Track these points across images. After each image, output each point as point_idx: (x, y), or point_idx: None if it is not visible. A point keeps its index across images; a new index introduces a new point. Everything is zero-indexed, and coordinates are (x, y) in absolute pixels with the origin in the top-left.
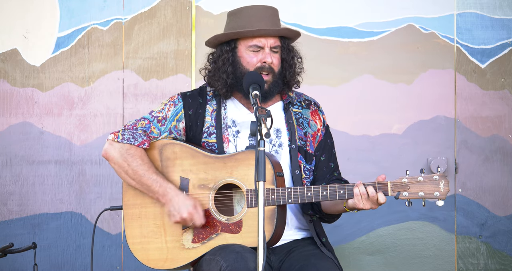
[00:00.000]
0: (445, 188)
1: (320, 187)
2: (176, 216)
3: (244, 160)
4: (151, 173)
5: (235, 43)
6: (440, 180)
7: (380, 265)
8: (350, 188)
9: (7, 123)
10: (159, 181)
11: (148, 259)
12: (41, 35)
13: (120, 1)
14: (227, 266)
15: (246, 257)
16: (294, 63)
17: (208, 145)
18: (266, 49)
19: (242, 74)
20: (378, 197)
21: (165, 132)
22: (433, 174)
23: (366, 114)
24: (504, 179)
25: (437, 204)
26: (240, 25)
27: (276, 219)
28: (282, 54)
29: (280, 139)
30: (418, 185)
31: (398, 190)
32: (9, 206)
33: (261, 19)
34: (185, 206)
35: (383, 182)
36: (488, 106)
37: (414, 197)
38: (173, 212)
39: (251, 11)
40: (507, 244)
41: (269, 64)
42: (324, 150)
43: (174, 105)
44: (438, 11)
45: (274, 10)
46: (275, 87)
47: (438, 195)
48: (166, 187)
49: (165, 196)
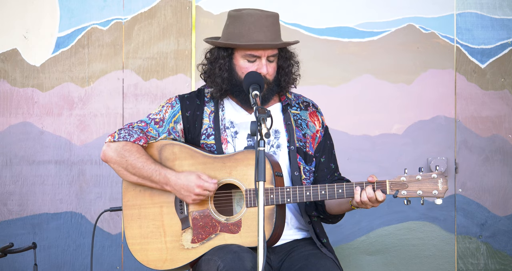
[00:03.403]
0: (443, 186)
1: (319, 186)
2: (190, 195)
3: (243, 160)
4: (150, 164)
5: (232, 50)
6: (439, 178)
7: (380, 265)
8: (349, 187)
9: (7, 123)
10: (157, 170)
11: (148, 260)
12: (41, 35)
13: (120, 1)
14: (224, 266)
15: (243, 257)
16: (290, 71)
17: (207, 146)
18: (263, 60)
19: (237, 81)
20: (376, 196)
21: (164, 133)
22: (432, 172)
23: (366, 114)
24: (504, 179)
25: (436, 203)
26: (239, 32)
27: (275, 218)
28: (279, 62)
29: (278, 140)
30: (416, 184)
31: (396, 189)
32: (9, 206)
33: (261, 30)
34: (190, 182)
35: (382, 180)
36: (488, 106)
37: (413, 195)
38: (183, 193)
39: (252, 18)
40: (507, 244)
41: (264, 75)
42: (324, 151)
43: (171, 107)
44: (438, 11)
45: (274, 18)
46: (270, 94)
47: (436, 194)
48: (166, 173)
49: (168, 183)
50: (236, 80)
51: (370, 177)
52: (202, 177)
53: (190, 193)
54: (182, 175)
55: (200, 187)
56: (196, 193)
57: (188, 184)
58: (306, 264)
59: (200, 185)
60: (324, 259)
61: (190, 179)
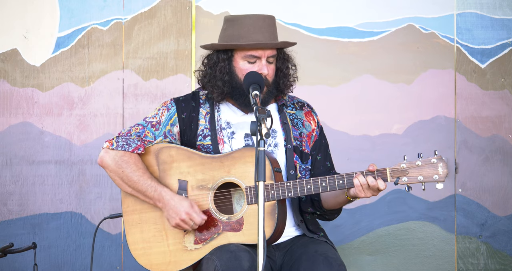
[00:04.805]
0: (443, 171)
1: (319, 178)
2: (175, 218)
3: (241, 158)
4: (146, 179)
5: (232, 52)
6: (439, 163)
7: (380, 265)
8: (349, 177)
9: (7, 123)
10: (153, 186)
11: (151, 264)
12: (41, 35)
13: (120, 1)
14: (221, 266)
15: (240, 256)
16: (288, 73)
17: (203, 147)
18: (263, 60)
19: (238, 84)
20: (378, 184)
21: (160, 136)
22: (431, 157)
23: (366, 114)
24: (504, 179)
25: (437, 187)
26: (238, 34)
27: (277, 214)
28: (277, 63)
29: (275, 139)
30: (416, 169)
31: (397, 176)
32: (9, 206)
33: (259, 30)
34: (181, 206)
35: (382, 169)
36: (488, 106)
37: (414, 181)
38: (171, 214)
39: (249, 20)
40: (507, 244)
41: (264, 76)
42: (320, 150)
43: (167, 110)
44: (438, 11)
45: (271, 20)
46: (269, 97)
47: (437, 178)
48: (161, 191)
49: (161, 200)
50: (236, 83)
51: (371, 166)
52: (194, 207)
53: (177, 216)
54: (177, 197)
55: (188, 214)
56: (182, 218)
57: (179, 208)
58: (305, 250)
59: (189, 213)
60: (322, 244)
61: (183, 204)
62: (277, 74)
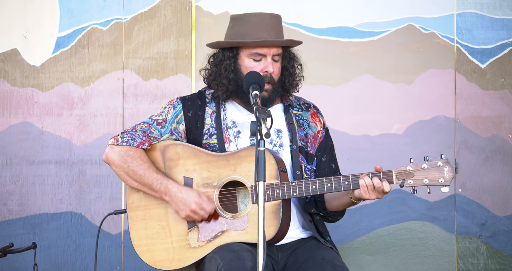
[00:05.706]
0: (449, 174)
1: (325, 179)
2: (185, 209)
3: (247, 157)
4: (152, 172)
5: (237, 49)
6: (445, 166)
7: (380, 265)
8: (355, 178)
9: (7, 123)
10: (159, 179)
11: (154, 260)
12: (41, 35)
13: (120, 1)
14: (224, 265)
15: (243, 256)
16: (294, 72)
17: (209, 146)
18: (268, 58)
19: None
20: (383, 186)
21: (166, 133)
22: (437, 160)
23: (366, 114)
24: (504, 179)
25: (442, 190)
26: (243, 32)
27: (281, 213)
28: (283, 62)
29: (281, 139)
30: (422, 172)
31: (403, 178)
32: (9, 206)
33: (265, 29)
34: (190, 197)
35: (388, 171)
36: (488, 106)
37: (419, 184)
38: (180, 206)
39: (256, 18)
40: (507, 244)
41: (270, 74)
42: (325, 151)
43: (173, 108)
44: (438, 11)
45: (278, 19)
46: (275, 95)
47: (443, 181)
48: (167, 184)
49: (167, 193)
50: (241, 81)
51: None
52: (202, 196)
53: (187, 208)
54: (184, 188)
55: (198, 204)
56: (192, 209)
57: (187, 198)
58: (311, 255)
59: (198, 203)
60: (328, 250)
61: (191, 194)
62: (283, 73)
